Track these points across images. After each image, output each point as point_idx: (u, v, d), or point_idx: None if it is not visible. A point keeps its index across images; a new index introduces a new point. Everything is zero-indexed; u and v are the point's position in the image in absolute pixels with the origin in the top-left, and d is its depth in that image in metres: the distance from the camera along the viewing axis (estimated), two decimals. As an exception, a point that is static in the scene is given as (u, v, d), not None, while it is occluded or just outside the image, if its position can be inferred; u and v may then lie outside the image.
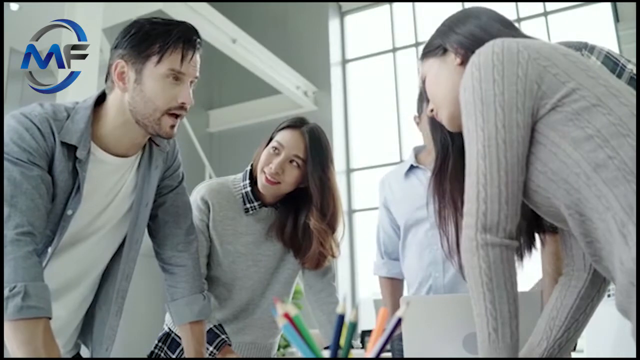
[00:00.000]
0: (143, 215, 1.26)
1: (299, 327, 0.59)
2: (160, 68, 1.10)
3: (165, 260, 1.33)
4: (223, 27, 5.30)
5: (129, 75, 1.11)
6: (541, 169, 0.83)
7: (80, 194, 1.10)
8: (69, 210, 1.10)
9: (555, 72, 0.83)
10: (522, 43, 0.86)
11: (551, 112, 0.82)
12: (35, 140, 1.05)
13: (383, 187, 1.90)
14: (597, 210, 0.78)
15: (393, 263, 1.87)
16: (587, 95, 0.81)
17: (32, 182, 1.03)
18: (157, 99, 1.11)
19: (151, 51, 1.10)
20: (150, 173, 1.24)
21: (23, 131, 1.05)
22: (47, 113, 1.09)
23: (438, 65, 1.02)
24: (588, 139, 0.79)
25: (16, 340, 0.95)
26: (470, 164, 0.84)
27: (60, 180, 1.09)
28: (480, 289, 0.79)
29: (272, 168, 1.43)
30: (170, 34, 1.11)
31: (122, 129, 1.15)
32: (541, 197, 0.86)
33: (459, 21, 1.02)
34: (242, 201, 1.51)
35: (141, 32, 1.11)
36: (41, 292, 0.98)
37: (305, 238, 1.49)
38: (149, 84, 1.11)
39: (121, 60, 1.11)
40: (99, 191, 1.16)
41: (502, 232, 0.80)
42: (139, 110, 1.12)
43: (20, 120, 1.07)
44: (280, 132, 1.49)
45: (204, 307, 1.32)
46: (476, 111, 0.84)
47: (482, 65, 0.85)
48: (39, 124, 1.07)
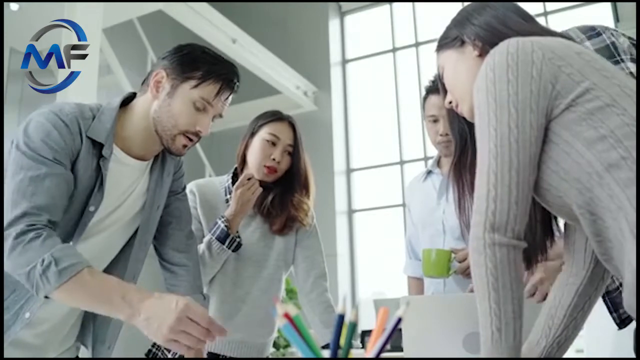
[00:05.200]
0: (153, 218, 1.29)
1: (299, 327, 0.59)
2: (194, 93, 1.17)
3: (166, 259, 1.34)
4: (223, 27, 5.30)
5: (165, 86, 1.17)
6: (554, 168, 0.83)
7: (102, 191, 1.14)
8: (91, 207, 1.13)
9: (569, 71, 0.83)
10: (536, 43, 0.86)
11: (565, 111, 0.82)
12: (63, 138, 1.08)
13: (408, 188, 1.96)
14: (609, 209, 0.78)
15: (418, 263, 1.86)
16: (601, 95, 0.81)
17: (53, 180, 1.05)
18: (179, 118, 1.17)
19: (193, 75, 1.17)
20: (163, 178, 1.28)
21: (52, 129, 1.07)
22: (76, 112, 1.12)
23: (456, 58, 1.02)
24: (601, 139, 0.79)
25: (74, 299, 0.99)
26: (482, 162, 0.83)
27: (84, 178, 1.11)
28: (485, 288, 0.79)
29: (276, 159, 1.58)
30: (216, 68, 1.19)
31: (143, 134, 1.20)
32: (553, 196, 0.85)
33: (475, 11, 1.01)
34: (224, 193, 1.64)
35: (192, 55, 1.19)
36: (68, 250, 0.99)
37: (280, 207, 1.62)
38: (178, 102, 1.17)
39: (163, 70, 1.17)
40: (114, 190, 1.19)
41: (511, 232, 0.79)
42: (161, 121, 1.18)
43: (49, 118, 1.09)
44: (269, 125, 1.62)
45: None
46: (489, 111, 0.84)
47: (497, 66, 0.85)
48: (69, 122, 1.10)
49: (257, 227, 1.62)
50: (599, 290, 0.98)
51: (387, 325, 0.62)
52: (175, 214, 1.34)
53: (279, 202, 1.61)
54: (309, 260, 1.64)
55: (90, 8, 3.93)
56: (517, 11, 1.00)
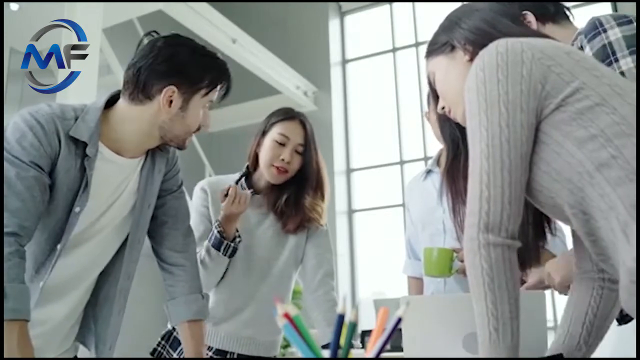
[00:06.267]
0: (145, 217, 1.28)
1: (299, 327, 0.59)
2: (204, 100, 1.21)
3: (163, 259, 1.34)
4: (223, 27, 5.30)
5: (176, 102, 1.18)
6: (545, 169, 0.83)
7: (87, 191, 1.12)
8: (76, 208, 1.12)
9: (559, 71, 0.83)
10: (525, 43, 0.86)
11: (555, 111, 0.82)
12: (37, 139, 1.06)
13: (408, 187, 1.95)
14: (600, 209, 0.78)
15: (418, 263, 1.86)
16: (591, 95, 0.81)
17: (25, 183, 1.04)
18: (192, 126, 1.22)
19: (201, 85, 1.19)
20: (154, 175, 1.27)
21: (27, 130, 1.06)
22: (55, 112, 1.11)
23: (447, 63, 1.02)
24: (592, 139, 0.79)
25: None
26: (474, 163, 0.84)
27: (66, 179, 1.10)
28: (481, 289, 0.79)
29: (285, 159, 1.56)
30: (218, 73, 1.22)
31: (140, 137, 1.20)
32: (545, 197, 0.85)
33: (464, 16, 1.01)
34: None
35: (190, 64, 1.19)
36: (19, 293, 0.98)
37: (295, 208, 1.60)
38: (192, 113, 1.20)
39: (172, 87, 1.17)
40: (105, 190, 1.18)
41: (505, 232, 0.79)
42: (173, 130, 1.20)
43: (25, 119, 1.08)
44: (279, 124, 1.60)
45: (202, 307, 1.32)
46: (480, 111, 0.84)
47: (486, 66, 0.85)
48: (44, 122, 1.08)
49: (270, 225, 1.61)
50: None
51: (387, 325, 0.62)
52: (171, 213, 1.33)
53: (293, 203, 1.60)
54: (318, 258, 1.63)
55: (90, 8, 3.93)
56: (506, 14, 0.99)
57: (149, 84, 1.16)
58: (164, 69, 1.16)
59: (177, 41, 1.21)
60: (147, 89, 1.17)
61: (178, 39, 1.22)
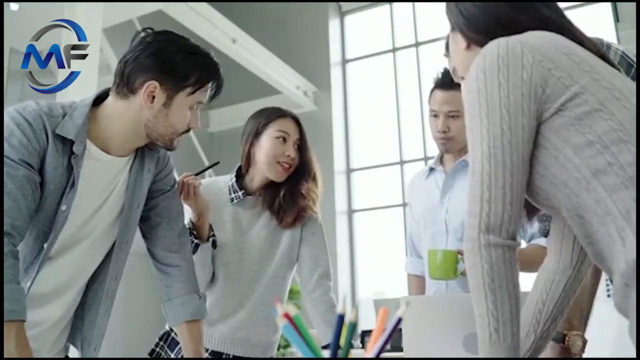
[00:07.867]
0: (134, 217, 1.27)
1: (299, 327, 0.59)
2: (190, 99, 1.18)
3: (159, 260, 1.33)
4: (223, 27, 5.30)
5: (159, 98, 1.15)
6: (542, 172, 0.84)
7: (74, 189, 1.11)
8: (63, 206, 1.11)
9: (559, 75, 0.84)
10: (526, 45, 0.86)
11: (554, 116, 0.83)
12: (25, 136, 1.06)
13: (409, 185, 1.94)
14: (596, 214, 0.79)
15: (419, 261, 1.86)
16: (590, 100, 0.82)
17: (16, 182, 1.03)
18: (177, 125, 1.19)
19: (187, 83, 1.16)
20: (143, 175, 1.25)
21: (14, 127, 1.06)
22: (42, 109, 1.10)
23: (452, 37, 1.04)
24: (589, 145, 0.80)
25: None
26: (475, 164, 0.84)
27: (54, 177, 1.09)
28: (482, 290, 0.79)
29: (291, 155, 1.58)
30: (206, 72, 1.19)
31: (126, 135, 1.18)
32: (543, 199, 0.86)
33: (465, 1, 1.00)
34: (228, 192, 1.63)
35: (177, 61, 1.15)
36: (15, 294, 0.98)
37: (291, 201, 1.61)
38: (176, 111, 1.17)
39: (154, 81, 1.14)
40: (94, 189, 1.17)
41: (505, 233, 0.80)
42: (157, 129, 1.18)
43: (12, 116, 1.07)
44: (275, 122, 1.61)
45: (199, 307, 1.32)
46: (481, 113, 0.84)
47: (487, 68, 0.86)
48: (31, 119, 1.07)
49: (264, 226, 1.61)
50: (579, 286, 1.03)
51: (387, 325, 0.62)
52: (164, 214, 1.32)
53: (290, 196, 1.61)
54: (313, 259, 1.62)
55: (90, 8, 3.93)
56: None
57: (132, 77, 1.15)
58: (148, 62, 1.14)
59: (167, 37, 1.19)
60: (131, 83, 1.15)
61: (168, 35, 1.19)
